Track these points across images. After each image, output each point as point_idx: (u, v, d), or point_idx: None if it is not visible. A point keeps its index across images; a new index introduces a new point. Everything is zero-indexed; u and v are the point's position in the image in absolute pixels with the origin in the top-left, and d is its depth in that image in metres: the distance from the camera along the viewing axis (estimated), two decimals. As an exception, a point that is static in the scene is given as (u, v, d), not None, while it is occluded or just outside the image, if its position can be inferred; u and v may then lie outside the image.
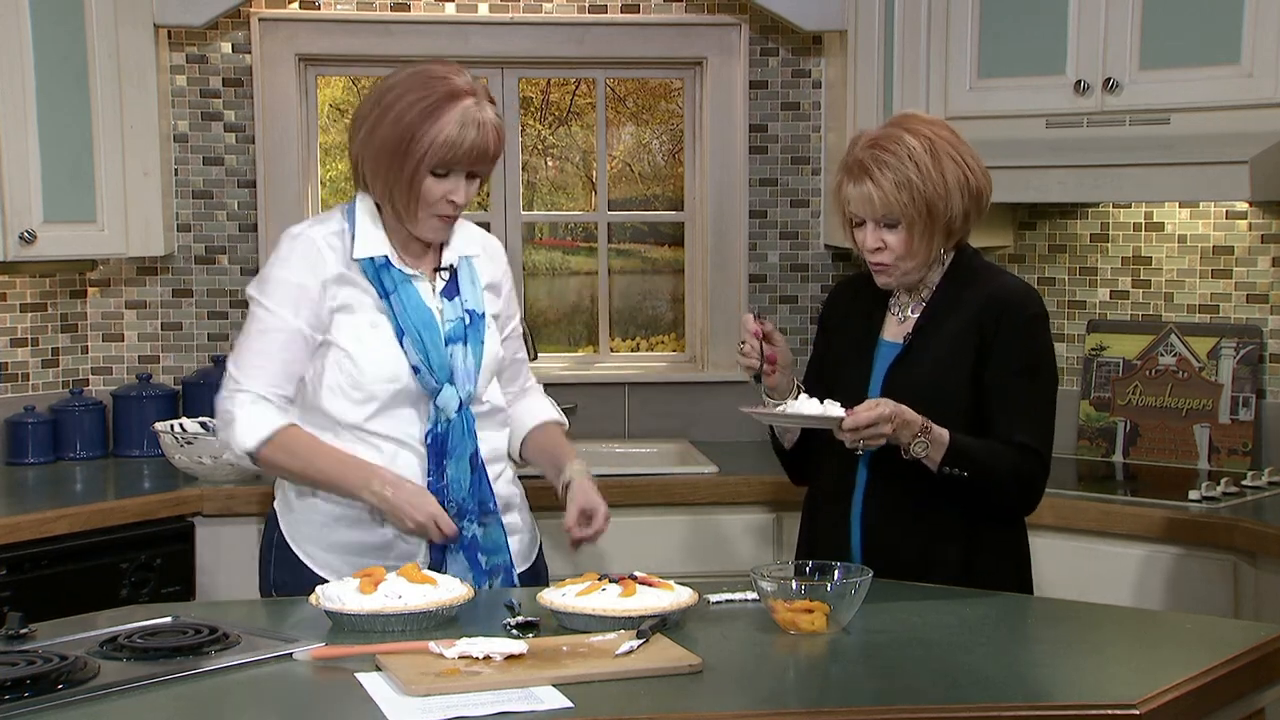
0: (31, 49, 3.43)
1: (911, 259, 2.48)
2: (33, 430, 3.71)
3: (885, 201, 2.44)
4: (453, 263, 2.56)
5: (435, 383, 2.48)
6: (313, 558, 2.55)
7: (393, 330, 2.48)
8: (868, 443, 2.38)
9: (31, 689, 1.83)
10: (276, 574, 2.59)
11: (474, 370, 2.52)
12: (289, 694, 1.92)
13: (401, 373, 2.48)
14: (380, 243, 2.51)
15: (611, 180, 4.31)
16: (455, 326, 2.52)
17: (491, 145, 2.46)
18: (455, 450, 2.49)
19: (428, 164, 2.43)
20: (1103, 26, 3.37)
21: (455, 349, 2.51)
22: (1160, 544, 3.09)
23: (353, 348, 2.48)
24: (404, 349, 2.47)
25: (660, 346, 4.34)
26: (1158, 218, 3.74)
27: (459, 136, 2.42)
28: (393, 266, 2.50)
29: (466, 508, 2.49)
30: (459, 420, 2.50)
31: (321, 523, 2.54)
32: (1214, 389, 3.60)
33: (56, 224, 3.50)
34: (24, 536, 3.10)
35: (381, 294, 2.49)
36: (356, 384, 2.48)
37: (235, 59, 3.98)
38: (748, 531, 3.53)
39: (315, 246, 2.50)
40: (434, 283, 2.54)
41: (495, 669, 1.92)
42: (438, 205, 2.47)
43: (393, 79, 2.49)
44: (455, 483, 2.49)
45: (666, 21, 4.08)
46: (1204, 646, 2.08)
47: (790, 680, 2.02)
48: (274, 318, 2.48)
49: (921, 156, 2.44)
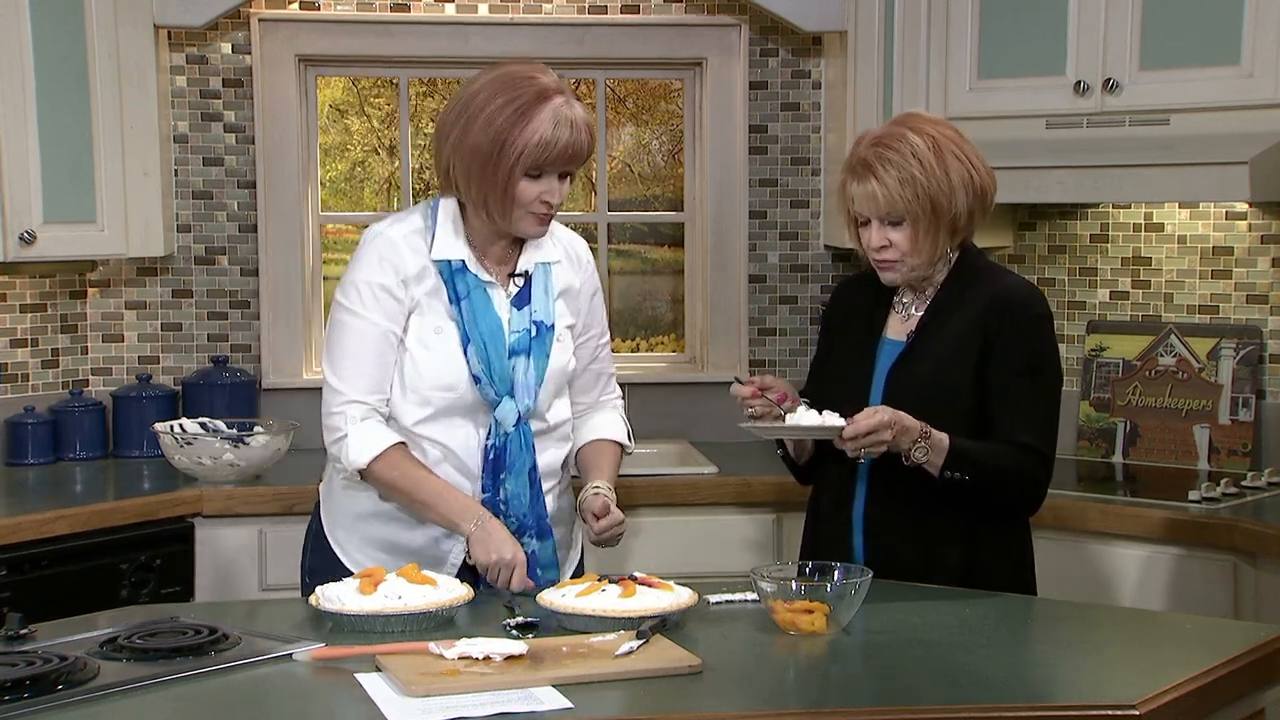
0: (31, 49, 3.43)
1: (917, 256, 2.47)
2: (33, 431, 3.71)
3: (890, 199, 2.44)
4: (528, 269, 2.52)
5: (495, 395, 2.45)
6: (344, 549, 2.55)
7: (459, 338, 2.46)
8: (868, 451, 2.37)
9: (31, 689, 1.83)
10: (312, 560, 2.59)
11: (534, 384, 2.48)
12: (289, 694, 1.92)
13: (460, 381, 2.45)
14: (459, 247, 2.48)
15: (611, 181, 4.31)
16: (520, 338, 2.48)
17: (585, 144, 2.44)
18: (514, 465, 2.47)
19: (522, 166, 2.40)
20: (1102, 27, 3.37)
21: (518, 361, 2.47)
22: (1160, 544, 3.09)
23: (416, 351, 2.46)
24: (467, 358, 2.45)
25: (660, 347, 4.34)
26: (1157, 218, 3.74)
27: (553, 137, 2.39)
28: (468, 271, 2.47)
29: (526, 523, 2.48)
30: (516, 435, 2.47)
31: (358, 515, 2.53)
32: (1214, 389, 3.60)
33: (56, 224, 3.50)
34: (24, 537, 3.10)
35: (453, 299, 2.46)
36: (413, 387, 2.46)
37: (235, 59, 3.98)
38: (748, 532, 3.53)
39: (394, 245, 2.47)
40: (507, 288, 2.51)
41: (495, 669, 1.91)
42: (533, 205, 2.44)
43: (477, 83, 2.46)
44: (515, 498, 2.47)
45: (666, 22, 4.08)
46: (1204, 647, 2.08)
47: (790, 681, 2.02)
48: (362, 321, 2.46)
49: (925, 154, 2.44)
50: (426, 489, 2.44)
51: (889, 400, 2.45)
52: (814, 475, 2.65)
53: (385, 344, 2.46)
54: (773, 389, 2.48)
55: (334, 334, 2.49)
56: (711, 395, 4.06)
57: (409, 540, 2.50)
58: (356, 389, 2.45)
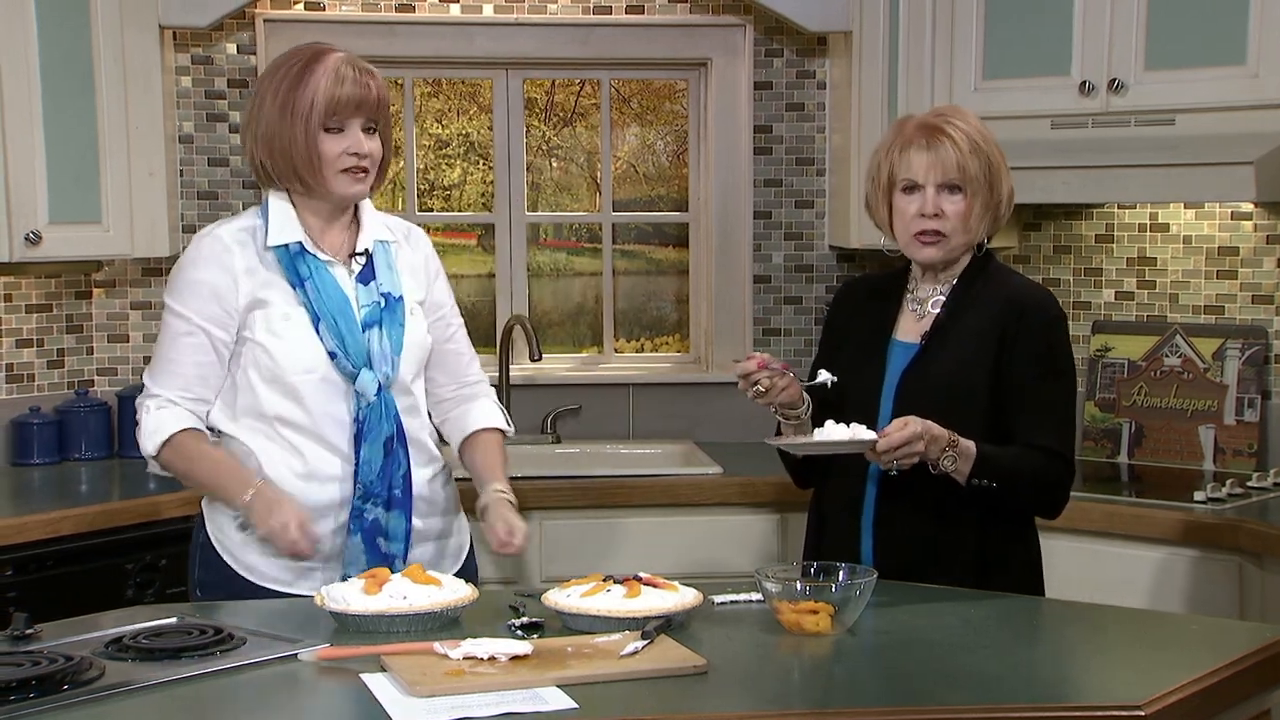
0: (37, 50, 3.44)
1: (965, 233, 2.46)
2: (38, 431, 3.71)
3: (960, 163, 2.43)
4: (368, 247, 2.54)
5: (352, 367, 2.47)
6: (235, 558, 2.52)
7: (309, 319, 2.47)
8: (901, 463, 2.36)
9: (37, 689, 1.83)
10: (202, 574, 2.56)
11: (391, 353, 2.50)
12: (294, 695, 1.93)
13: (319, 361, 2.46)
14: (294, 230, 2.50)
15: (616, 181, 4.31)
16: (371, 310, 2.50)
17: (373, 89, 2.47)
18: (370, 433, 2.47)
19: (316, 120, 2.44)
20: (1108, 27, 3.36)
21: (371, 333, 2.49)
22: (1165, 545, 3.08)
23: (268, 341, 2.47)
24: (319, 335, 2.47)
25: (665, 347, 4.34)
26: (1163, 218, 3.74)
27: (334, 83, 2.44)
28: (307, 253, 2.49)
29: (373, 490, 2.48)
30: (377, 403, 2.48)
31: (237, 520, 2.52)
32: (1219, 390, 3.60)
33: (62, 225, 3.50)
34: (29, 537, 3.10)
35: (295, 282, 2.48)
36: (276, 377, 2.47)
37: (240, 60, 3.98)
38: (752, 532, 3.53)
39: (222, 243, 2.51)
40: (349, 267, 2.53)
41: (500, 670, 1.92)
42: (341, 161, 2.47)
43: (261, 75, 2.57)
44: (365, 464, 2.47)
45: (671, 22, 4.08)
46: (1210, 648, 2.07)
47: (795, 681, 2.02)
48: (183, 322, 2.50)
49: (984, 131, 2.48)
50: (203, 467, 2.48)
51: (902, 403, 2.44)
52: (813, 479, 2.64)
53: (204, 344, 2.49)
54: (773, 363, 2.47)
55: (160, 334, 2.55)
56: (716, 395, 4.06)
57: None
58: (163, 386, 2.50)
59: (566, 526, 3.48)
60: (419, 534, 2.54)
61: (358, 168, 2.48)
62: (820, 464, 2.58)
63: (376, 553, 2.47)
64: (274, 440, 2.49)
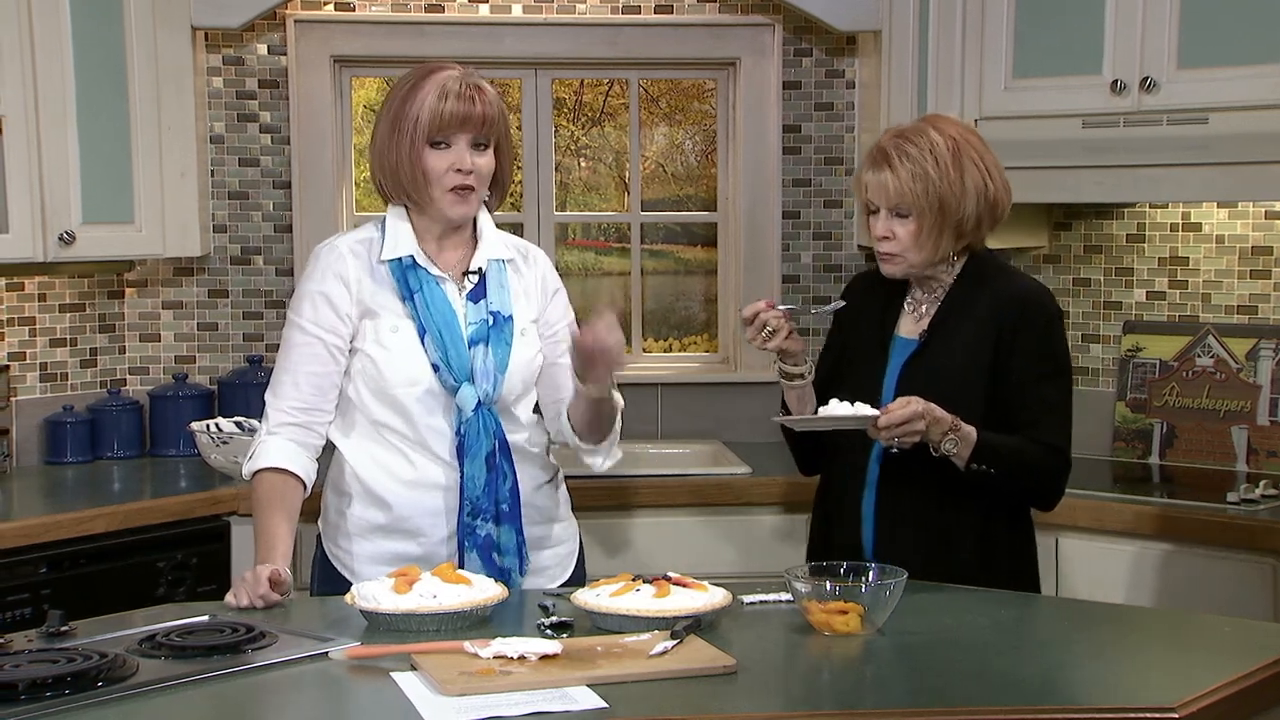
0: (71, 51, 3.46)
1: (917, 253, 2.50)
2: (71, 430, 3.74)
3: (899, 190, 2.47)
4: (481, 266, 2.55)
5: (454, 381, 2.48)
6: (345, 565, 2.57)
7: (415, 331, 2.49)
8: (901, 441, 2.39)
9: (72, 686, 1.85)
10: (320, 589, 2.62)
11: (494, 370, 2.50)
12: (325, 693, 1.93)
13: (423, 374, 2.48)
14: (408, 244, 2.52)
15: (644, 181, 4.31)
16: (478, 328, 2.51)
17: (481, 106, 2.47)
18: (471, 447, 2.48)
19: (421, 136, 2.46)
20: (1140, 25, 3.34)
21: (477, 350, 2.50)
22: (1198, 546, 3.07)
23: (375, 353, 2.49)
24: (425, 348, 2.48)
25: (693, 347, 4.33)
26: (1195, 218, 3.71)
27: (439, 98, 2.45)
28: (419, 267, 2.51)
29: (480, 506, 2.49)
30: (476, 419, 2.48)
31: (357, 531, 2.56)
32: (1252, 390, 3.57)
33: (95, 225, 3.53)
34: (63, 535, 3.13)
35: (405, 295, 2.50)
36: (381, 389, 2.49)
37: (271, 61, 4.00)
38: (780, 532, 3.52)
39: (338, 252, 2.53)
40: (461, 285, 2.55)
41: (530, 669, 1.92)
42: (446, 178, 2.47)
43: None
44: (470, 480, 2.48)
45: (700, 22, 4.08)
46: (1243, 650, 2.06)
47: (825, 681, 2.01)
48: (300, 332, 2.52)
49: (943, 154, 2.48)
50: (258, 516, 2.50)
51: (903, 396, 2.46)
52: (819, 465, 2.66)
53: (320, 353, 2.51)
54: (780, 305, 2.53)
55: (281, 345, 2.57)
56: (744, 395, 4.06)
57: (406, 550, 2.51)
58: (280, 399, 2.52)
59: (595, 526, 3.48)
60: (533, 543, 2.56)
61: (463, 186, 2.48)
62: (824, 445, 2.60)
63: (493, 567, 2.47)
64: (384, 446, 2.52)
